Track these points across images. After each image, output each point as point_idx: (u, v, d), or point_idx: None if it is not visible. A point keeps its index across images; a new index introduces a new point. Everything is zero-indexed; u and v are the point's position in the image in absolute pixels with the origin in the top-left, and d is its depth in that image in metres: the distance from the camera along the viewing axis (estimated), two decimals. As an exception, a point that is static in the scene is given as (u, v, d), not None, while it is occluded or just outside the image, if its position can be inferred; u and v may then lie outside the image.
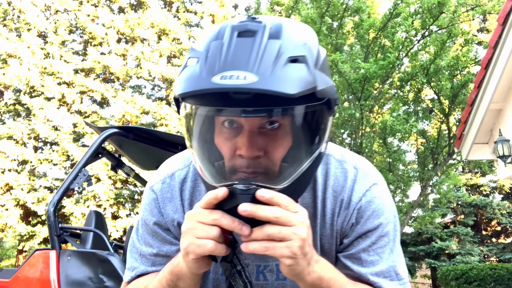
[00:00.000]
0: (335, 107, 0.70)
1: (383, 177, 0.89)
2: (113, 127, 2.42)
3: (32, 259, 2.19)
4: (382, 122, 7.61)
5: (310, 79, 0.61)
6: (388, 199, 0.84)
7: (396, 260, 0.83)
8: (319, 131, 0.69)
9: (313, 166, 0.70)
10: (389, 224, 0.82)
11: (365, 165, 0.86)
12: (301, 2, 8.32)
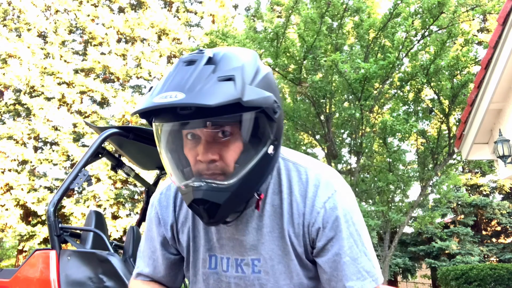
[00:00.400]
0: (276, 114, 0.82)
1: (345, 183, 0.95)
2: (113, 127, 2.41)
3: (32, 259, 2.19)
4: (382, 122, 7.61)
5: (234, 92, 0.74)
6: (349, 204, 0.91)
7: (364, 260, 0.89)
8: (258, 135, 0.82)
9: (262, 166, 0.84)
10: (353, 227, 0.89)
11: (327, 172, 0.94)
12: (301, 2, 8.32)
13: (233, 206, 0.85)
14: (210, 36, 9.19)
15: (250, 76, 0.80)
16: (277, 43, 7.93)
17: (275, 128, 0.84)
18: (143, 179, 3.09)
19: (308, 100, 8.55)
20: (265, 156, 0.83)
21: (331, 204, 0.89)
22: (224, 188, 0.81)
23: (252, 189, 0.85)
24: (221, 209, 0.82)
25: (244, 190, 0.83)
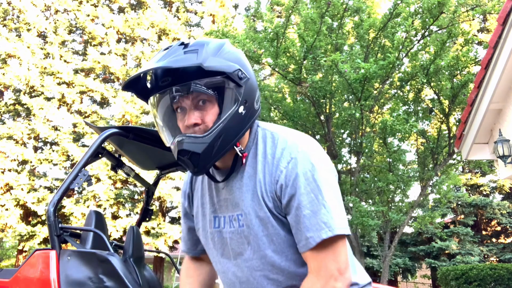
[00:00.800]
0: (242, 80, 1.02)
1: (315, 146, 1.06)
2: (113, 127, 2.41)
3: (32, 259, 2.19)
4: (382, 122, 7.61)
5: (196, 60, 0.96)
6: (312, 163, 1.00)
7: (323, 212, 0.96)
8: (227, 97, 1.02)
9: (234, 123, 1.02)
10: (313, 184, 0.98)
11: (298, 137, 1.07)
12: (301, 2, 8.32)
13: (211, 156, 1.02)
14: (210, 36, 9.18)
15: (214, 51, 1.01)
16: (277, 43, 7.93)
17: (244, 91, 1.03)
18: (143, 179, 3.09)
19: (308, 100, 8.56)
20: (236, 115, 1.02)
21: (293, 164, 1.00)
22: (201, 140, 1.00)
23: (227, 142, 1.02)
24: (201, 158, 1.01)
25: (220, 142, 1.01)
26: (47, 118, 15.54)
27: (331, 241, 0.96)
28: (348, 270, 0.98)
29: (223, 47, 1.05)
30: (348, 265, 0.98)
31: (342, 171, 9.72)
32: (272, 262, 1.06)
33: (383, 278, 8.74)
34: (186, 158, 1.02)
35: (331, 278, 0.95)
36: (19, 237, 14.33)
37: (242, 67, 1.05)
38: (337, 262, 0.97)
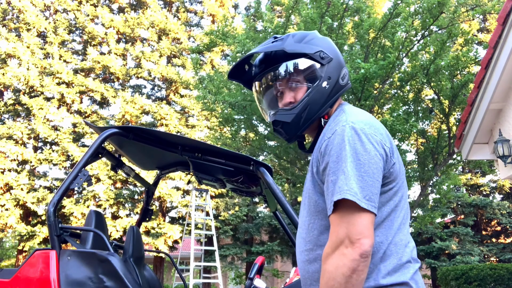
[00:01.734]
0: (323, 60, 1.23)
1: (367, 122, 1.10)
2: (113, 127, 2.41)
3: (32, 259, 2.19)
4: (382, 122, 7.61)
5: (280, 45, 1.23)
6: (347, 138, 1.06)
7: (341, 179, 1.01)
8: (311, 74, 1.23)
9: (318, 95, 1.21)
10: (344, 152, 1.04)
11: (353, 116, 1.13)
12: (301, 2, 8.31)
13: (299, 125, 1.22)
14: (210, 36, 9.18)
15: (299, 39, 1.25)
16: (277, 43, 7.92)
17: (327, 69, 1.23)
18: (143, 179, 3.08)
19: (308, 100, 8.55)
20: (320, 89, 1.21)
21: (334, 136, 1.08)
22: (290, 112, 1.21)
23: (312, 113, 1.21)
24: (290, 126, 1.22)
25: (306, 113, 1.20)
26: (47, 118, 15.53)
27: (346, 208, 0.99)
28: (361, 241, 0.95)
29: (308, 36, 1.27)
30: (364, 236, 0.95)
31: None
32: (304, 223, 1.17)
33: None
34: (279, 127, 1.24)
35: (342, 244, 0.97)
36: (19, 237, 14.33)
37: (326, 49, 1.24)
38: (349, 230, 0.97)
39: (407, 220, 1.13)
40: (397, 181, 1.10)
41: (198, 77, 9.78)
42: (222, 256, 15.71)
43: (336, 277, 0.95)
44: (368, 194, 0.99)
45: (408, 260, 1.07)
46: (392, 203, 1.09)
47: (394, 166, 1.09)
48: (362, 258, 0.95)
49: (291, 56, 1.22)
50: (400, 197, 1.11)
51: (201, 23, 19.30)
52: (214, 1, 18.20)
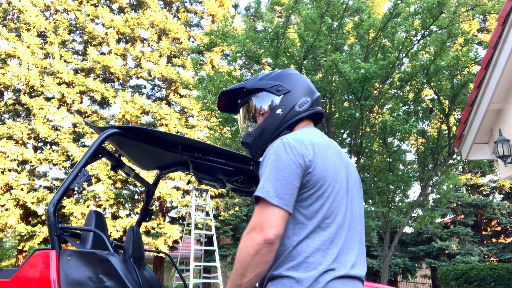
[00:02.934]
0: (279, 92, 1.49)
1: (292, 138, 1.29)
2: (113, 127, 2.41)
3: (32, 259, 2.19)
4: (382, 122, 7.61)
5: (242, 84, 1.58)
6: (274, 150, 1.27)
7: (262, 180, 1.24)
8: (267, 104, 1.51)
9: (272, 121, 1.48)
10: (267, 160, 1.27)
11: (296, 133, 1.34)
12: (301, 2, 8.31)
13: (258, 145, 1.52)
14: (210, 36, 9.18)
15: (263, 77, 1.56)
16: (277, 43, 7.93)
17: (281, 98, 1.48)
18: (143, 179, 3.08)
19: (308, 100, 8.54)
20: (274, 116, 1.48)
21: (268, 149, 1.31)
22: (250, 135, 1.53)
23: (267, 134, 1.48)
24: (251, 146, 1.54)
25: (263, 135, 1.49)
26: (47, 118, 15.54)
27: (263, 203, 1.20)
28: (268, 230, 1.15)
29: (272, 73, 1.56)
30: (271, 226, 1.15)
31: (342, 171, 9.70)
32: None
33: (383, 278, 8.74)
34: (245, 147, 1.57)
35: (253, 230, 1.17)
36: (19, 237, 14.33)
37: (285, 83, 1.51)
38: (261, 219, 1.18)
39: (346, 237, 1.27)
40: (319, 192, 1.25)
41: (198, 77, 9.78)
42: (222, 256, 15.71)
43: (244, 254, 1.16)
44: (280, 194, 1.20)
45: (329, 269, 1.19)
46: (319, 217, 1.24)
47: (313, 177, 1.25)
48: (265, 244, 1.15)
49: (256, 91, 1.53)
50: (331, 214, 1.26)
51: (201, 23, 19.30)
52: (214, 1, 18.20)
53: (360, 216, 1.38)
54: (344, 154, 1.44)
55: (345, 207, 1.30)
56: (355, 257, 1.27)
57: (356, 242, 1.31)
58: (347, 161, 1.42)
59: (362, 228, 1.37)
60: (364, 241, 1.37)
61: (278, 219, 1.18)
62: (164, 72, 16.39)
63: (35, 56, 15.66)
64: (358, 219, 1.36)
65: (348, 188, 1.35)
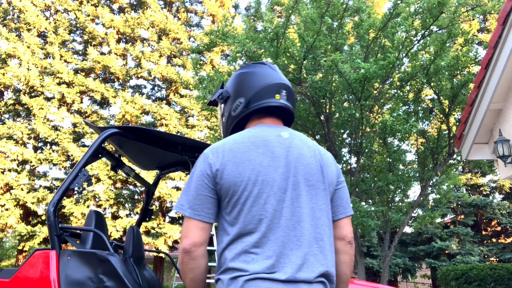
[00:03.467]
0: (222, 99, 1.51)
1: (210, 148, 1.34)
2: (113, 127, 2.41)
3: (32, 259, 2.19)
4: (382, 122, 7.61)
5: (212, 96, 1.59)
6: (197, 161, 1.35)
7: (181, 194, 1.32)
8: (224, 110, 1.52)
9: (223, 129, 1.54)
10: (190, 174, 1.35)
11: (224, 139, 1.38)
12: (301, 2, 8.31)
13: None
14: (210, 36, 9.19)
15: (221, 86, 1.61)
16: (277, 43, 7.93)
17: (224, 106, 1.50)
18: (143, 179, 3.08)
19: (308, 100, 8.56)
20: (223, 124, 1.52)
21: None
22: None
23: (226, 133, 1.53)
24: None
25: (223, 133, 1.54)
26: (47, 118, 15.54)
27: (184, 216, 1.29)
28: (184, 240, 1.24)
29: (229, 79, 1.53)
30: (186, 236, 1.24)
31: (342, 171, 9.71)
32: None
33: (383, 278, 8.74)
34: None
35: (182, 238, 1.27)
36: (19, 237, 14.33)
37: (228, 87, 1.50)
38: (182, 231, 1.27)
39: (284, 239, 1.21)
40: (234, 199, 1.25)
41: (198, 77, 9.79)
42: (222, 256, 15.68)
43: (179, 263, 1.28)
44: (192, 205, 1.26)
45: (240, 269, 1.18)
46: (240, 223, 1.23)
47: (223, 185, 1.26)
48: (184, 253, 1.23)
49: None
50: (253, 219, 1.22)
51: (201, 23, 19.31)
52: (214, 1, 18.20)
53: (311, 213, 1.27)
54: (294, 147, 1.34)
55: (281, 207, 1.24)
56: (300, 259, 1.20)
57: (305, 241, 1.22)
58: (294, 156, 1.32)
59: (319, 224, 1.27)
60: (325, 237, 1.27)
61: (191, 229, 1.24)
62: (164, 72, 16.39)
63: (35, 56, 15.66)
64: (309, 216, 1.26)
65: (288, 186, 1.27)
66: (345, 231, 1.37)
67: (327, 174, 1.36)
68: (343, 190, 1.42)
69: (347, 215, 1.39)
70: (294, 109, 1.51)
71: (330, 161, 1.41)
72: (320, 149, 1.42)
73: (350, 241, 1.37)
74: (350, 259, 1.37)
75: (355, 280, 2.53)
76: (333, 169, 1.40)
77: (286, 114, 1.51)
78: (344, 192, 1.42)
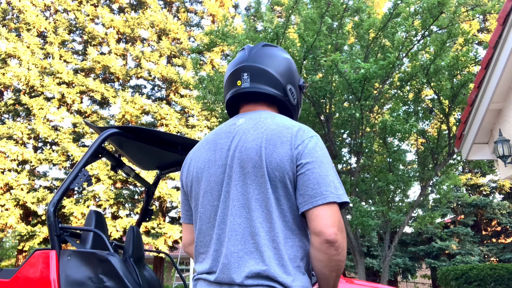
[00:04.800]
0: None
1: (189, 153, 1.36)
2: (113, 127, 2.41)
3: (32, 259, 2.19)
4: (382, 122, 7.60)
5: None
6: None
7: None
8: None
9: None
10: None
11: None
12: (301, 2, 8.31)
13: None
14: (210, 36, 9.19)
15: None
16: (277, 43, 7.93)
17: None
18: (143, 179, 3.08)
19: (308, 100, 8.56)
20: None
21: None
22: None
23: None
24: None
25: None
26: (47, 118, 15.53)
27: None
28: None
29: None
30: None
31: (342, 171, 9.72)
32: None
33: (383, 278, 8.74)
34: None
35: None
36: (19, 237, 14.33)
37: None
38: None
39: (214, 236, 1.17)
40: (191, 201, 1.30)
41: (198, 77, 9.79)
42: (222, 256, 15.69)
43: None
44: (182, 210, 1.36)
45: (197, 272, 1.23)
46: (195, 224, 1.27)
47: (190, 193, 1.28)
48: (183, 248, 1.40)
49: None
50: (196, 217, 1.26)
51: (201, 23, 19.30)
52: (214, 1, 18.20)
53: (246, 205, 1.11)
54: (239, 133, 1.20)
55: (217, 203, 1.16)
56: (229, 257, 1.09)
57: (237, 238, 1.09)
58: (235, 144, 1.19)
59: (254, 217, 1.10)
60: (261, 232, 1.09)
61: (183, 231, 1.38)
62: (164, 72, 16.39)
63: (35, 56, 15.65)
64: (243, 209, 1.11)
65: (224, 178, 1.17)
66: (318, 226, 1.05)
67: (269, 157, 1.12)
68: (307, 174, 1.09)
69: (314, 205, 1.06)
70: (273, 84, 1.29)
71: (280, 140, 1.14)
72: (273, 128, 1.17)
73: (328, 240, 1.04)
74: (327, 258, 1.06)
75: (355, 280, 2.54)
76: (282, 149, 1.12)
77: (264, 95, 1.31)
78: (309, 177, 1.09)
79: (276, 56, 1.35)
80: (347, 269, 16.69)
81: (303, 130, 1.17)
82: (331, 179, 1.10)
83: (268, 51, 1.35)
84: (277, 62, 1.33)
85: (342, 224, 1.08)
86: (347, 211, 8.67)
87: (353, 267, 15.80)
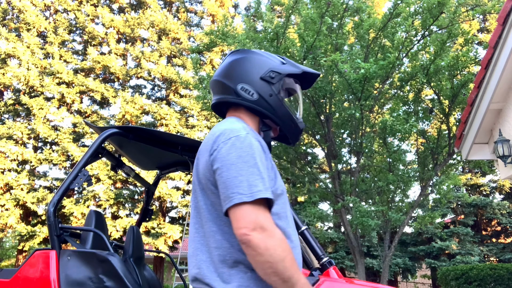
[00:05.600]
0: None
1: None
2: (113, 127, 2.41)
3: (32, 259, 2.19)
4: (382, 122, 7.60)
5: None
6: None
7: None
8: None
9: None
10: None
11: None
12: (301, 2, 8.31)
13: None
14: (210, 36, 9.18)
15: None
16: (277, 43, 7.93)
17: None
18: (143, 179, 3.08)
19: (308, 100, 8.56)
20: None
21: None
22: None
23: None
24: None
25: None
26: (47, 118, 15.53)
27: None
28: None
29: None
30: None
31: (342, 171, 9.72)
32: None
33: (383, 278, 8.74)
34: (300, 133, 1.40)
35: None
36: (19, 237, 14.33)
37: None
38: None
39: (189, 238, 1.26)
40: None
41: (198, 77, 9.79)
42: (222, 256, 15.68)
43: None
44: None
45: None
46: None
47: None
48: None
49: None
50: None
51: (201, 23, 19.31)
52: (214, 1, 18.20)
53: (194, 214, 1.20)
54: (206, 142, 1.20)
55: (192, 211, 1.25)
56: (189, 265, 1.19)
57: (191, 246, 1.20)
58: (201, 150, 1.21)
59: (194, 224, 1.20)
60: (196, 237, 1.17)
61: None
62: (164, 72, 16.39)
63: (35, 56, 15.65)
64: (194, 217, 1.20)
65: (193, 184, 1.24)
66: (233, 229, 1.06)
67: (198, 166, 1.20)
68: (218, 180, 1.11)
69: (225, 209, 1.08)
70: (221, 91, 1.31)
71: (205, 148, 1.18)
72: (207, 136, 1.22)
73: (241, 241, 1.03)
74: (252, 260, 1.04)
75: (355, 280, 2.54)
76: (203, 158, 1.17)
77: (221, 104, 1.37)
78: (220, 182, 1.10)
79: (225, 62, 1.36)
80: (347, 269, 16.71)
81: (224, 133, 1.15)
82: (243, 178, 1.07)
83: (223, 61, 1.38)
84: (224, 68, 1.34)
85: (260, 223, 1.03)
86: (347, 211, 8.67)
87: (353, 267, 15.81)
